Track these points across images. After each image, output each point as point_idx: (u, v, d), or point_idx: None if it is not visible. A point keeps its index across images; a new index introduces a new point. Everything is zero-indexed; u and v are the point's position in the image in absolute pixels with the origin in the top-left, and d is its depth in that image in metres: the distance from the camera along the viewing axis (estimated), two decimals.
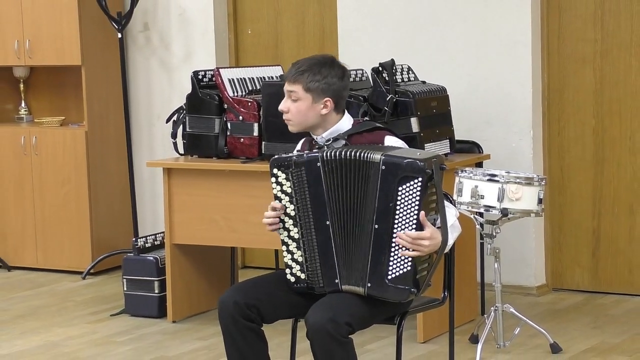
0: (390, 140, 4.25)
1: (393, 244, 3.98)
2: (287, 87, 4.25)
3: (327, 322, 3.92)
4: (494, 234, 5.45)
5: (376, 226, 4.00)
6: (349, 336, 3.98)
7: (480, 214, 5.45)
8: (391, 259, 3.98)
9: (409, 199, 3.94)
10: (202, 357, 5.64)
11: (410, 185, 3.94)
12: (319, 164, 4.08)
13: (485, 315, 5.64)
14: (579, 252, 6.72)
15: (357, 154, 4.04)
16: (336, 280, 4.09)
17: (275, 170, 4.15)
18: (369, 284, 4.02)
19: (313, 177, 4.09)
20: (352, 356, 4.00)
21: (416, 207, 3.94)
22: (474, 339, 5.62)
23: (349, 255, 4.07)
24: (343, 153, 4.06)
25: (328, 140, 4.24)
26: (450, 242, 4.11)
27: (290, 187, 4.13)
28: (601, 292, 6.65)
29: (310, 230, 4.11)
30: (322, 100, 4.21)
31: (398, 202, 3.95)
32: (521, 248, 6.64)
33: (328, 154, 4.08)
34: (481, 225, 5.47)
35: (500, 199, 5.32)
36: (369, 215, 4.01)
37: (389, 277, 3.99)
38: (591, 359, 5.41)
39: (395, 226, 3.97)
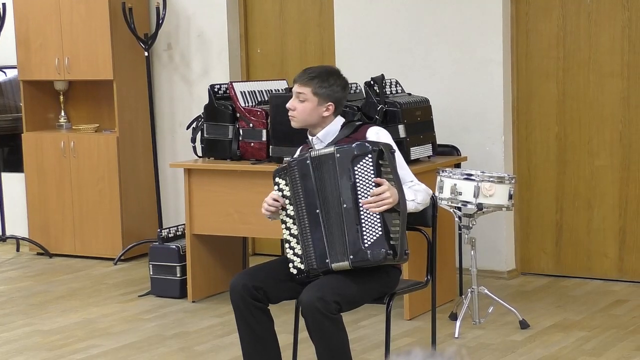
0: (372, 131, 4.26)
1: (362, 215, 4.00)
2: (296, 88, 4.26)
3: (316, 301, 3.92)
4: (471, 225, 5.44)
5: (345, 205, 4.04)
6: (339, 313, 3.97)
7: (459, 208, 5.44)
8: (363, 228, 4.01)
9: (365, 174, 4.03)
10: (218, 331, 5.64)
11: (363, 163, 4.02)
12: (308, 162, 4.11)
13: (463, 296, 5.64)
14: (544, 241, 6.71)
15: (322, 151, 4.10)
16: (327, 260, 4.09)
17: (277, 179, 4.20)
18: (351, 257, 4.03)
19: (304, 173, 4.12)
20: (341, 330, 4.00)
21: (372, 177, 4.00)
22: (453, 317, 5.61)
23: (333, 236, 4.07)
24: (322, 151, 4.11)
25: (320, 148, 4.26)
26: (420, 200, 4.17)
27: (289, 190, 4.14)
28: (563, 275, 6.65)
29: (304, 219, 4.11)
30: (325, 104, 4.23)
31: (357, 179, 4.03)
32: (494, 238, 6.64)
33: (314, 152, 4.12)
34: (459, 218, 5.47)
35: (476, 195, 5.32)
36: (338, 198, 4.04)
37: (365, 244, 4.00)
38: (555, 334, 5.41)
39: (360, 200, 4.00)
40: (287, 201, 4.16)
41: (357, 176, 4.02)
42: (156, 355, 5.25)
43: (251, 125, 5.99)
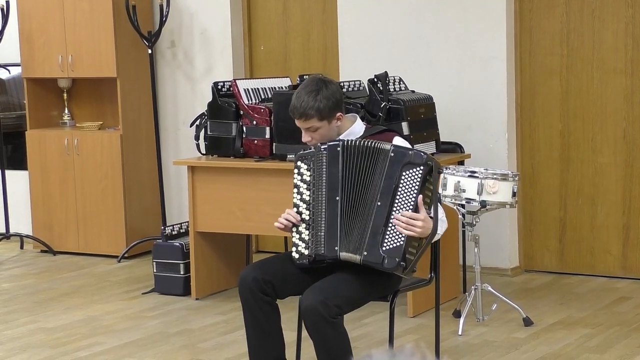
0: (397, 141, 4.25)
1: (391, 220, 3.98)
2: (302, 124, 4.19)
3: (318, 304, 3.89)
4: (474, 222, 5.44)
5: (379, 203, 4.01)
6: (339, 317, 3.95)
7: (462, 206, 5.44)
8: (387, 232, 3.99)
9: (410, 184, 3.97)
10: (221, 329, 5.64)
11: (413, 171, 3.97)
12: (339, 149, 4.11)
13: (467, 293, 5.64)
14: (547, 238, 6.70)
15: (372, 143, 4.08)
16: (336, 248, 4.06)
17: (299, 163, 4.19)
18: (365, 253, 4.01)
19: (332, 158, 4.11)
20: (341, 334, 3.98)
21: (415, 191, 3.96)
22: (457, 314, 5.60)
23: (352, 227, 4.06)
24: (360, 142, 4.10)
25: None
26: (440, 232, 4.10)
27: (310, 175, 4.13)
28: (567, 273, 6.64)
29: (322, 204, 4.10)
30: (335, 116, 4.20)
31: (400, 185, 3.98)
32: (497, 235, 6.63)
33: (347, 141, 4.12)
34: (463, 215, 5.46)
35: (480, 192, 5.31)
36: (374, 194, 4.02)
37: (384, 247, 3.98)
38: (558, 331, 5.40)
39: (395, 205, 3.98)
40: (304, 185, 4.16)
41: (402, 181, 3.97)
42: (160, 353, 5.25)
43: (255, 122, 5.98)
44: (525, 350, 5.09)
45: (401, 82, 6.08)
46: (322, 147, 4.13)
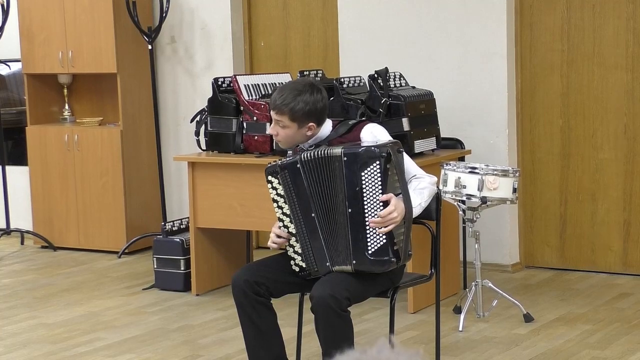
0: (367, 130, 4.20)
1: (367, 223, 3.98)
2: (274, 115, 4.16)
3: (328, 298, 3.92)
4: (475, 219, 5.43)
5: (349, 210, 4.01)
6: (348, 309, 3.98)
7: (463, 202, 5.43)
8: (367, 235, 4.00)
9: (373, 181, 3.98)
10: (221, 325, 5.63)
11: (371, 169, 3.97)
12: (298, 165, 4.08)
13: (467, 289, 5.63)
14: (548, 234, 6.69)
15: (324, 151, 4.04)
16: (327, 264, 4.09)
17: (269, 177, 4.17)
18: (354, 261, 4.02)
19: (295, 177, 4.09)
20: (349, 327, 4.01)
21: (379, 187, 3.97)
22: (457, 310, 5.60)
23: (334, 239, 4.07)
24: (315, 153, 4.06)
25: (311, 146, 4.20)
26: (419, 201, 4.09)
27: (282, 189, 4.12)
28: (567, 269, 6.63)
29: (301, 223, 4.10)
30: (306, 125, 4.15)
31: (364, 185, 3.99)
32: (498, 231, 6.62)
33: (304, 155, 4.08)
34: (463, 211, 5.45)
35: (480, 188, 5.30)
36: (342, 202, 4.01)
37: (369, 251, 4.00)
38: (559, 327, 5.39)
39: (366, 207, 3.98)
40: (281, 199, 4.15)
41: (364, 182, 3.97)
42: (160, 349, 5.24)
43: (255, 118, 5.97)
44: (526, 347, 5.08)
45: (402, 78, 6.07)
46: (283, 164, 4.09)
